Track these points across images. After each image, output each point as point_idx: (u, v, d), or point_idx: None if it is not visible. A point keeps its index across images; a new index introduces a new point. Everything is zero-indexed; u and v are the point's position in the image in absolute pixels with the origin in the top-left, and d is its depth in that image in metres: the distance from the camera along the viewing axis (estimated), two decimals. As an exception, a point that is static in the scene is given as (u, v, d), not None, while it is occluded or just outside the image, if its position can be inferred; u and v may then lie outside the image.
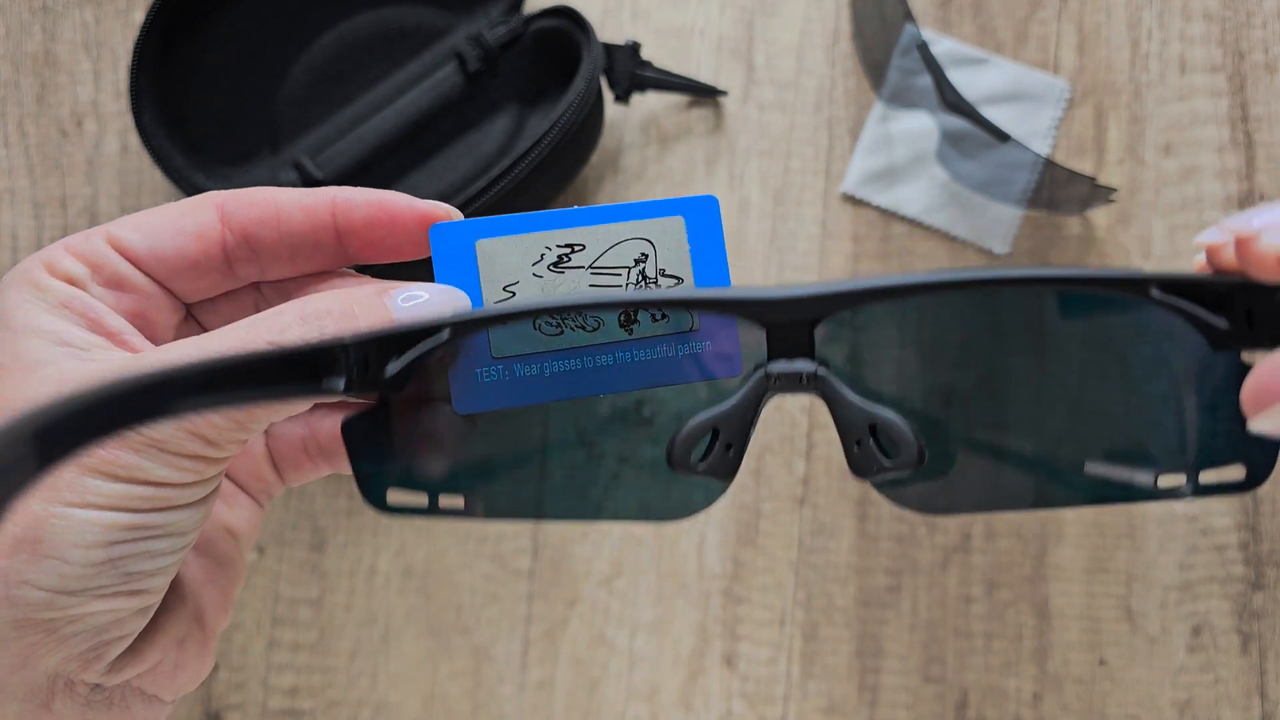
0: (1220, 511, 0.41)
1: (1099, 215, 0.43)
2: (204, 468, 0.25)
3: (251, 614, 0.43)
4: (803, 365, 0.25)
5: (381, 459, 0.27)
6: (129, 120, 0.45)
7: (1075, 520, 0.42)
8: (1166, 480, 0.25)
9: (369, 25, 0.44)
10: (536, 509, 0.28)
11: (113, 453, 0.23)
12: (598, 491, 0.28)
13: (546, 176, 0.41)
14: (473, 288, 0.27)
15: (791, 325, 0.25)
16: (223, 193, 0.28)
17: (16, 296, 0.26)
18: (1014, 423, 0.26)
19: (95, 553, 0.23)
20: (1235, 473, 0.25)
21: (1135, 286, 0.24)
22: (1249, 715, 0.41)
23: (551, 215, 0.27)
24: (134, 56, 0.41)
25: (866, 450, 0.25)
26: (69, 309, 0.26)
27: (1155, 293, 0.23)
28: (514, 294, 0.27)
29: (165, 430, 0.24)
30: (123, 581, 0.24)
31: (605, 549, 0.43)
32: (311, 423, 0.30)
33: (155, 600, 0.26)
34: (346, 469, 0.30)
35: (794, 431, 0.43)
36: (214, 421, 0.24)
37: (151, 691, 0.27)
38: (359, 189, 0.27)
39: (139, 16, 0.46)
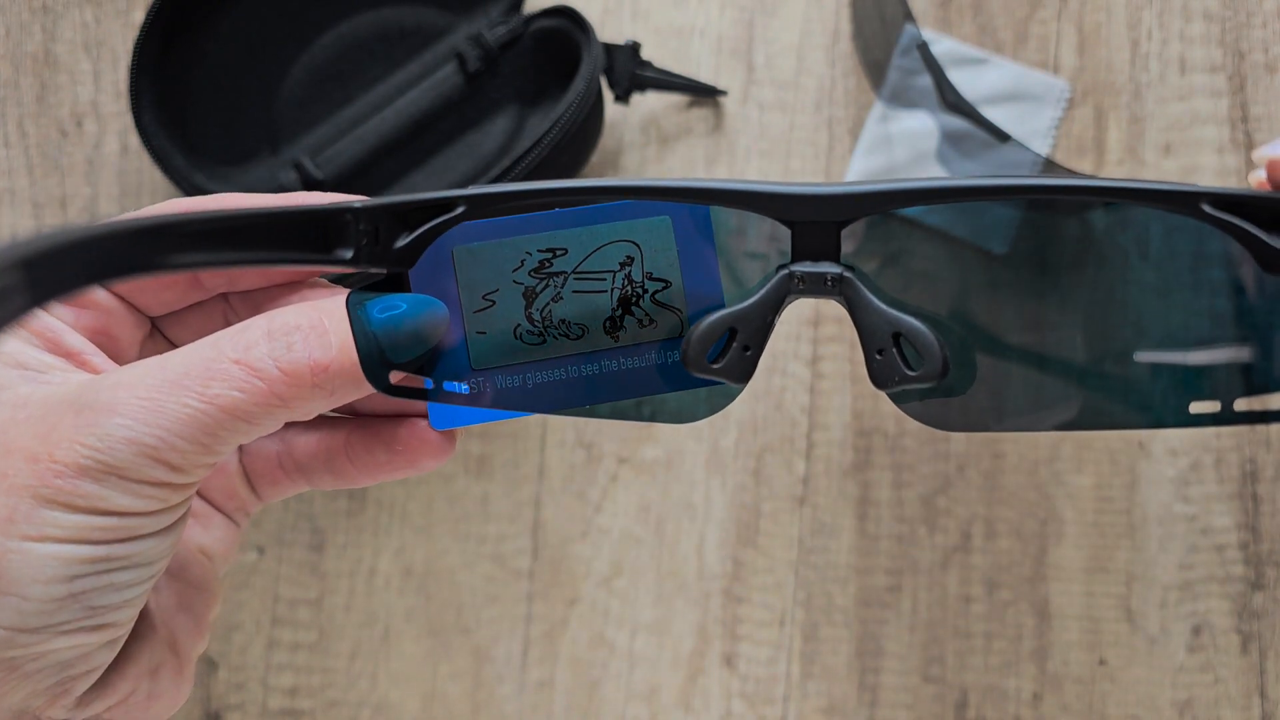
0: (1220, 511, 0.41)
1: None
2: (169, 495, 0.23)
3: (251, 615, 0.43)
4: (828, 268, 0.24)
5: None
6: (129, 120, 0.45)
7: (1075, 520, 0.42)
8: (1200, 407, 0.24)
9: (369, 25, 0.44)
10: (544, 401, 0.26)
11: (71, 482, 0.22)
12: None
13: (547, 176, 0.41)
14: (450, 296, 0.26)
15: (818, 225, 0.23)
16: (185, 200, 0.26)
17: None
18: (1042, 338, 0.24)
19: (55, 588, 0.22)
20: (1276, 400, 0.23)
21: (1186, 202, 0.22)
22: (1249, 715, 0.41)
23: (532, 219, 0.25)
24: (134, 56, 0.41)
25: (889, 359, 0.24)
26: (40, 337, 0.25)
27: (1207, 208, 0.22)
28: (494, 303, 0.26)
29: (125, 456, 0.22)
30: (86, 615, 0.23)
31: (605, 549, 0.43)
32: (287, 438, 0.29)
33: (123, 633, 0.24)
34: (323, 485, 0.29)
35: (794, 431, 0.43)
36: (177, 445, 0.23)
37: None
38: (324, 195, 0.26)
39: (139, 16, 0.46)
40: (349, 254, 0.22)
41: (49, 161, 0.45)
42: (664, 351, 0.26)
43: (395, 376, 0.25)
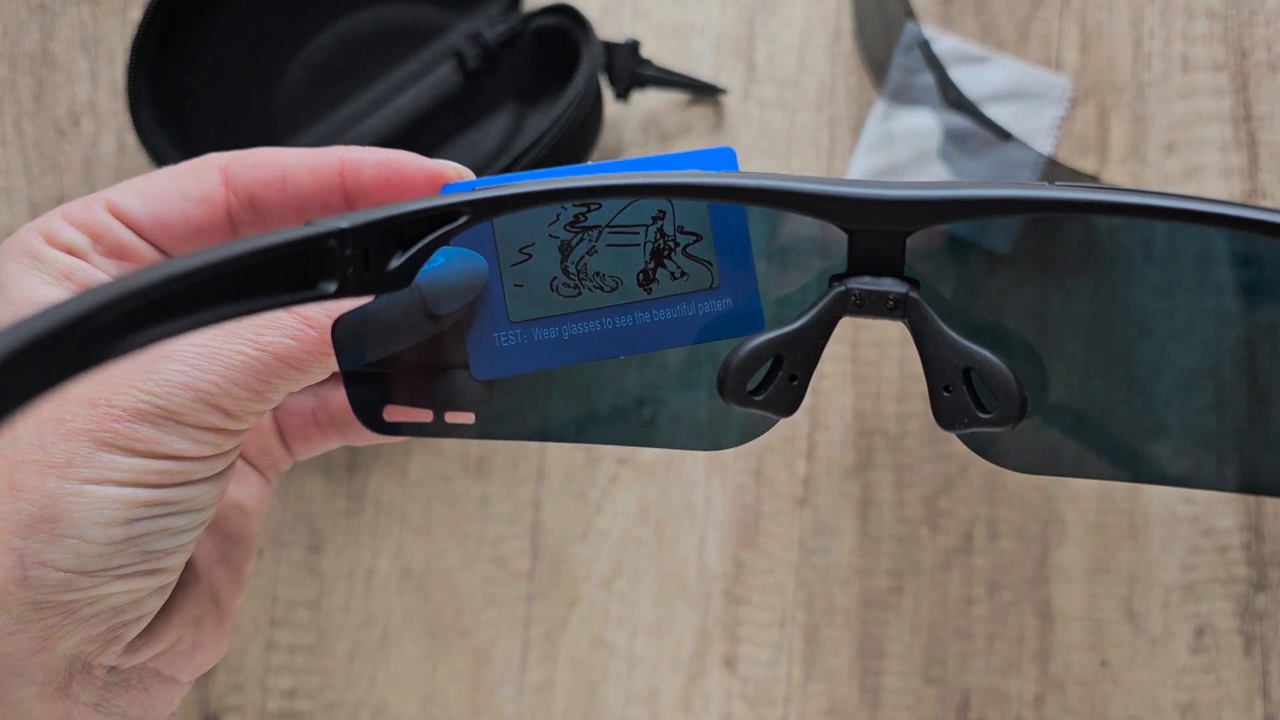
0: (1223, 512, 0.41)
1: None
2: (222, 440, 0.24)
3: (249, 616, 0.43)
4: (891, 285, 0.21)
5: (379, 368, 0.24)
6: (126, 119, 0.45)
7: (1077, 521, 0.42)
8: None
9: (367, 23, 0.43)
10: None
11: (129, 426, 0.23)
12: (633, 412, 0.25)
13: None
14: (488, 250, 0.26)
15: (881, 234, 0.20)
16: (226, 154, 0.27)
17: (14, 268, 0.25)
18: (1138, 379, 0.21)
19: (114, 530, 0.23)
20: None
21: None
22: (1251, 717, 0.40)
23: (566, 172, 0.26)
24: (131, 55, 0.41)
25: (958, 398, 0.20)
26: (71, 281, 0.25)
27: None
28: (530, 256, 0.26)
29: (182, 401, 0.23)
30: (142, 560, 0.24)
31: (605, 550, 0.43)
32: (321, 393, 0.29)
33: (173, 579, 0.25)
34: (357, 440, 0.30)
35: (795, 432, 0.43)
36: (232, 391, 0.23)
37: (169, 673, 0.26)
38: (367, 148, 0.27)
39: (136, 15, 0.45)
40: (333, 286, 0.19)
41: (46, 160, 0.45)
42: (695, 303, 0.26)
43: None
